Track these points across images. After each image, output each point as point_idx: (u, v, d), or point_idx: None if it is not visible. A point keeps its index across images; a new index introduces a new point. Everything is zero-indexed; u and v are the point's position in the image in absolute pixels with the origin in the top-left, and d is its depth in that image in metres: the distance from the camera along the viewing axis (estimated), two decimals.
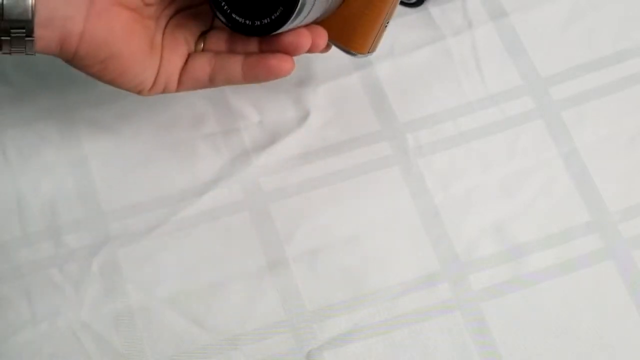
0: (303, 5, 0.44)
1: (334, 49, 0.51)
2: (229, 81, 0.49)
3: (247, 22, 0.45)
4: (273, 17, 0.44)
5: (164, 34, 0.49)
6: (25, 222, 0.55)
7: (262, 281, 0.54)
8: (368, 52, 0.51)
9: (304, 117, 0.58)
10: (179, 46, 0.49)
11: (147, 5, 0.47)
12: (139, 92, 0.49)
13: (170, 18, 0.49)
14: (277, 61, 0.48)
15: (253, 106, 0.59)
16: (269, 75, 0.48)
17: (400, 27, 0.60)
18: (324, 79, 0.59)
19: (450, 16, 0.61)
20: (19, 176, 0.56)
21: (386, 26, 0.51)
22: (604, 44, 0.60)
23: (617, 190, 0.56)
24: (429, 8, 0.61)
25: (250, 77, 0.48)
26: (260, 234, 0.55)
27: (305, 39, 0.47)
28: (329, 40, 0.50)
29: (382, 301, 0.53)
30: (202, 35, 0.50)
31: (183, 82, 0.49)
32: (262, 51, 0.48)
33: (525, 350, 0.52)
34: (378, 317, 0.53)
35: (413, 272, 0.54)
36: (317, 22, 0.49)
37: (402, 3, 0.61)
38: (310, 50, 0.48)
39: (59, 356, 0.52)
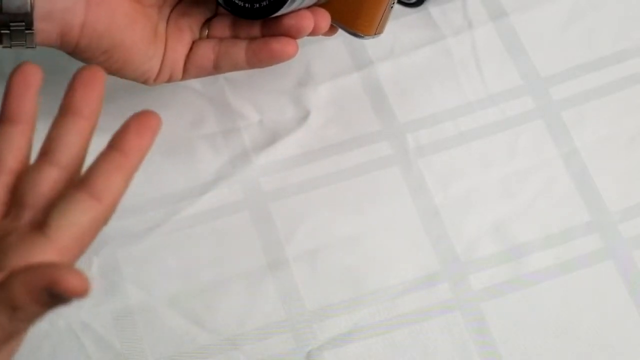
0: None
1: (341, 41, 0.51)
2: (234, 67, 0.49)
3: (247, 5, 0.45)
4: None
5: (167, 22, 0.49)
6: None
7: (262, 281, 0.54)
8: (375, 34, 0.51)
9: (304, 117, 0.58)
10: (183, 34, 0.49)
11: None
12: (145, 82, 0.49)
13: (174, 6, 0.49)
14: (280, 45, 0.47)
15: (253, 106, 0.59)
16: (273, 59, 0.48)
17: (400, 27, 0.60)
18: (324, 79, 0.59)
19: (450, 16, 0.61)
20: None
21: (392, 7, 0.51)
22: (604, 44, 0.60)
23: (617, 190, 0.56)
24: (429, 8, 0.61)
25: (254, 62, 0.48)
26: (260, 234, 0.55)
27: (307, 20, 0.47)
28: (334, 23, 0.49)
29: (382, 301, 0.53)
30: (207, 22, 0.50)
31: (188, 70, 0.49)
32: (264, 35, 0.48)
33: (525, 350, 0.52)
34: (378, 317, 0.53)
35: (413, 272, 0.54)
36: (321, 3, 0.49)
37: (402, 3, 0.61)
38: (313, 33, 0.48)
39: (59, 356, 0.52)
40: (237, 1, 0.45)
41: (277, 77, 0.59)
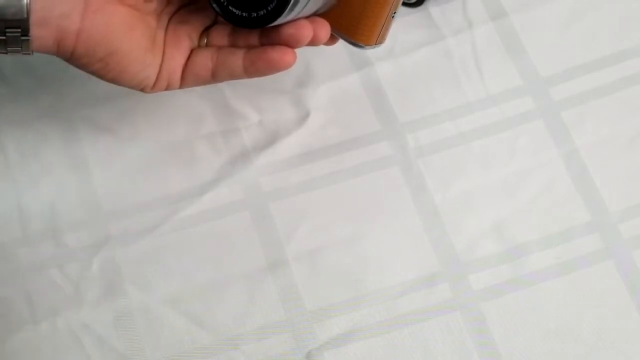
0: None
1: (340, 43, 0.51)
2: (231, 76, 0.49)
3: (244, 14, 0.45)
4: (269, 8, 0.44)
5: (166, 30, 0.49)
6: (26, 222, 0.55)
7: (262, 281, 0.54)
8: (376, 44, 0.51)
9: (304, 117, 0.58)
10: (182, 42, 0.49)
11: (147, 1, 0.47)
12: (142, 90, 0.49)
13: (173, 14, 0.49)
14: (277, 54, 0.47)
15: (253, 106, 0.59)
16: (270, 69, 0.48)
17: (400, 27, 0.60)
18: (324, 79, 0.59)
19: (450, 16, 0.61)
20: (19, 177, 0.56)
21: (393, 17, 0.51)
22: (604, 44, 0.60)
23: (617, 190, 0.56)
24: (429, 8, 0.61)
25: (252, 71, 0.48)
26: (260, 234, 0.55)
27: (306, 30, 0.46)
28: (335, 33, 0.49)
29: (382, 301, 0.53)
30: (206, 31, 0.50)
31: (186, 79, 0.49)
32: (263, 44, 0.48)
33: (525, 350, 0.52)
34: (378, 317, 0.53)
35: (413, 272, 0.54)
36: (320, 13, 0.49)
37: (402, 3, 0.61)
38: (312, 43, 0.47)
39: (59, 356, 0.52)
40: (234, 10, 0.45)
41: (277, 77, 0.59)
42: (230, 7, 0.45)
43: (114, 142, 0.57)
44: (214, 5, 0.45)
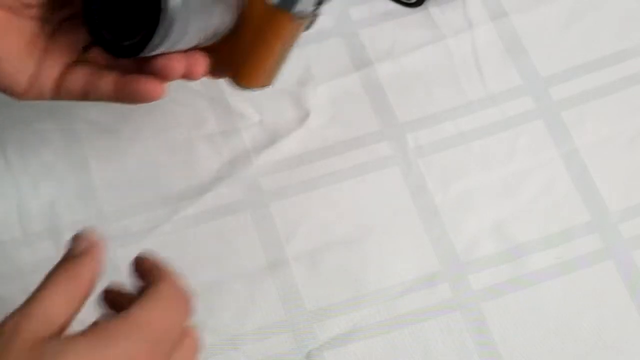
0: (167, 30, 0.40)
1: (341, 42, 0.51)
2: (101, 98, 0.47)
3: (114, 40, 0.42)
4: (137, 39, 0.41)
5: (50, 38, 0.46)
6: (26, 222, 0.55)
7: (262, 281, 0.54)
8: (262, 86, 0.48)
9: (304, 117, 0.58)
10: (62, 53, 0.46)
11: (27, 6, 0.44)
12: (11, 95, 0.46)
13: (62, 23, 0.47)
14: (144, 85, 0.45)
15: (253, 106, 0.59)
16: (136, 99, 0.46)
17: (400, 27, 0.60)
18: (324, 79, 0.59)
19: (450, 16, 0.61)
20: (19, 177, 0.56)
21: (284, 58, 0.48)
22: (604, 44, 0.60)
23: (617, 190, 0.56)
24: (429, 8, 0.61)
25: (121, 96, 0.46)
26: (260, 234, 0.55)
27: (177, 64, 0.45)
28: (217, 69, 0.47)
29: (382, 301, 0.53)
30: (91, 45, 0.47)
31: (57, 92, 0.47)
32: (138, 70, 0.46)
33: (525, 350, 0.52)
34: (378, 317, 0.53)
35: (413, 272, 0.54)
36: (204, 47, 0.46)
37: (402, 3, 0.61)
38: (187, 77, 0.46)
39: None
40: (105, 34, 0.41)
41: (278, 77, 0.59)
42: (103, 31, 0.42)
43: (114, 142, 0.57)
44: (87, 24, 0.42)
